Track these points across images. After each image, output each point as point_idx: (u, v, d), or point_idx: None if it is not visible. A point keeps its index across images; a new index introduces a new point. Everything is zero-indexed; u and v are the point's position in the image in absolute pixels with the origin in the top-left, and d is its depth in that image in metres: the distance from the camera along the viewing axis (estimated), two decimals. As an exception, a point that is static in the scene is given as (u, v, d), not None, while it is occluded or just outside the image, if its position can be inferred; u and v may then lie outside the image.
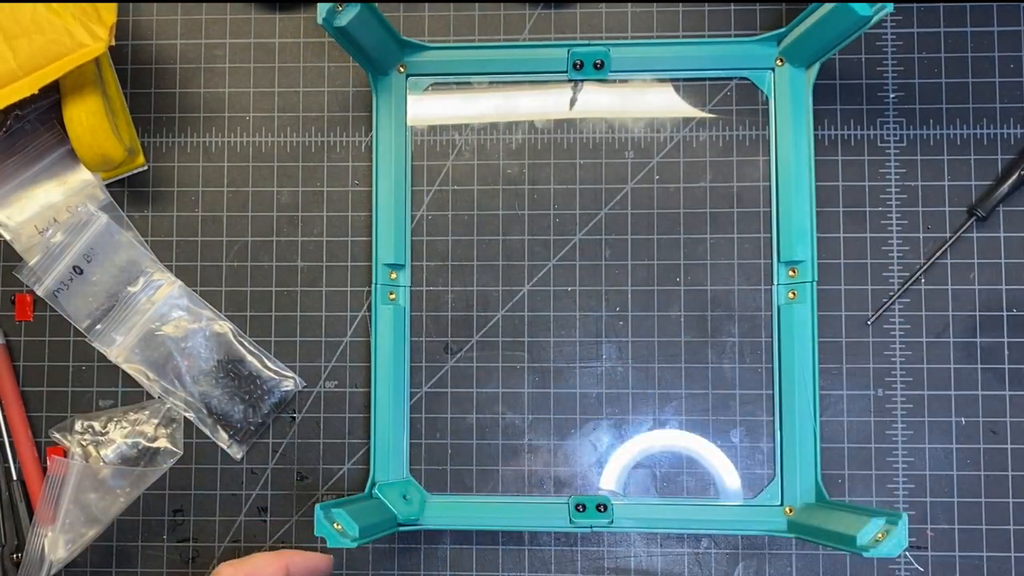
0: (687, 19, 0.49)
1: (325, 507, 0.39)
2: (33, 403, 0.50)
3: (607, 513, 0.45)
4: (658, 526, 0.46)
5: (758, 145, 0.47)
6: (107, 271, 0.49)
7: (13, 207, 0.50)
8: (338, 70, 0.50)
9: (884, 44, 0.48)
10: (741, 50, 0.47)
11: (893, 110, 0.48)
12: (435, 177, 0.49)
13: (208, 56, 0.50)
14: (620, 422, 0.47)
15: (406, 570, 0.47)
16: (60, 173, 0.50)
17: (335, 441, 0.48)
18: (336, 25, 0.41)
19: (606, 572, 0.47)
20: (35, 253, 0.49)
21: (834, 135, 0.48)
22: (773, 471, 0.46)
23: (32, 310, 0.50)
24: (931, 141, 0.48)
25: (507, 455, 0.47)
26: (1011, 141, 0.47)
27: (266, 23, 0.50)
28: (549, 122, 0.49)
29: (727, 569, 0.47)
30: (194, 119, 0.50)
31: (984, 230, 0.47)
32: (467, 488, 0.47)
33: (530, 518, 0.46)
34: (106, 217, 0.49)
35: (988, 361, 0.47)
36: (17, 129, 0.49)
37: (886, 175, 0.48)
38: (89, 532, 0.47)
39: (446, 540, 0.48)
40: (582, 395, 0.47)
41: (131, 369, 0.49)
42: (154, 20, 0.51)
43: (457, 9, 0.50)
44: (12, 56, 0.42)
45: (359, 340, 0.48)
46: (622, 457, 0.47)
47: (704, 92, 0.48)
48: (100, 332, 0.49)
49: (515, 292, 0.48)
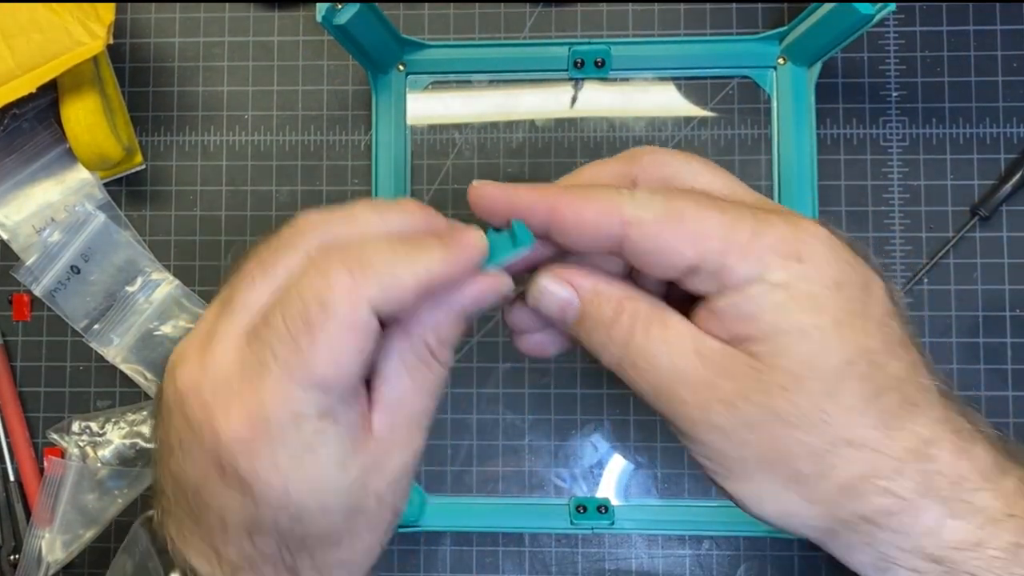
0: (689, 17, 0.49)
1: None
2: (30, 404, 0.50)
3: (608, 515, 0.45)
4: (659, 528, 0.46)
5: (760, 144, 0.47)
6: (105, 271, 0.49)
7: (10, 206, 0.49)
8: (337, 68, 0.50)
9: (886, 43, 0.48)
10: (743, 49, 0.47)
11: (895, 109, 0.48)
12: (435, 176, 0.49)
13: (206, 55, 0.50)
14: (621, 422, 0.47)
15: (406, 571, 0.47)
16: (58, 172, 0.50)
17: (334, 442, 0.48)
18: (335, 23, 0.41)
19: (607, 573, 0.47)
20: (32, 252, 0.49)
21: (836, 134, 0.48)
22: (775, 472, 0.46)
23: (29, 310, 0.50)
24: (934, 140, 0.47)
25: (507, 455, 0.47)
26: (1014, 140, 0.47)
27: (265, 21, 0.50)
28: (550, 121, 0.48)
29: (729, 570, 0.46)
30: (192, 118, 0.50)
31: (987, 230, 0.47)
32: (467, 489, 0.47)
33: (531, 520, 0.46)
34: (104, 216, 0.49)
35: (991, 362, 0.46)
36: (14, 128, 0.49)
37: (888, 174, 0.47)
38: (87, 533, 0.47)
39: (446, 541, 0.47)
40: (582, 395, 0.47)
41: (129, 369, 0.48)
42: (152, 19, 0.50)
43: (457, 7, 0.49)
44: (10, 55, 0.42)
45: (358, 340, 0.48)
46: (623, 458, 0.47)
47: (706, 91, 0.48)
48: (98, 332, 0.48)
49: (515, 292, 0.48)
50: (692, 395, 0.26)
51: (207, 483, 0.26)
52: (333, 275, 0.24)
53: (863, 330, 0.26)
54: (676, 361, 0.26)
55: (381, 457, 0.26)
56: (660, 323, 0.26)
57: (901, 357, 0.26)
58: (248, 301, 0.26)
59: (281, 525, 0.26)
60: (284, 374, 0.24)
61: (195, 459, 0.26)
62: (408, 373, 0.27)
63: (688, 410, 0.26)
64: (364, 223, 0.27)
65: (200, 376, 0.25)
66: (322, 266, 0.25)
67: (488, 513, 0.47)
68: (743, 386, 0.26)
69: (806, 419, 0.25)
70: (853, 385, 0.25)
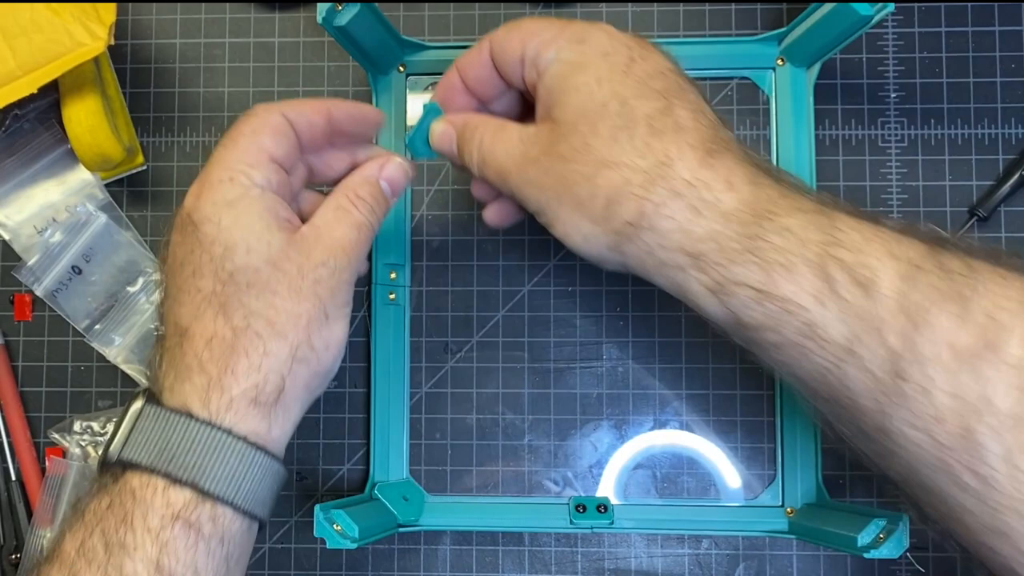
0: (688, 19, 0.49)
1: (325, 508, 0.39)
2: (32, 403, 0.50)
3: (607, 514, 0.45)
4: (659, 527, 0.46)
5: (759, 145, 0.47)
6: (106, 271, 0.49)
7: (12, 207, 0.49)
8: (338, 69, 0.50)
9: (885, 44, 0.48)
10: (742, 50, 0.47)
11: (894, 110, 0.48)
12: (435, 177, 0.49)
13: (207, 56, 0.50)
14: (620, 422, 0.47)
15: (406, 571, 0.47)
16: (59, 173, 0.50)
17: (335, 441, 0.48)
18: (336, 24, 0.41)
19: (606, 573, 0.47)
20: (34, 253, 0.49)
21: (835, 135, 0.48)
22: (774, 472, 0.46)
23: (31, 310, 0.50)
24: (932, 141, 0.47)
25: (507, 455, 0.47)
26: (1012, 141, 0.47)
27: (265, 22, 0.50)
28: (549, 122, 0.49)
29: (728, 570, 0.47)
30: (193, 119, 0.50)
31: (985, 230, 0.47)
32: (467, 489, 0.47)
33: (530, 519, 0.46)
34: (105, 217, 0.49)
35: (989, 361, 0.46)
36: (16, 128, 0.49)
37: (887, 175, 0.47)
38: (88, 533, 0.47)
39: (446, 541, 0.48)
40: (582, 395, 0.47)
41: (130, 369, 0.49)
42: (153, 19, 0.51)
43: (457, 9, 0.50)
44: (11, 55, 0.42)
45: (359, 340, 0.48)
46: (622, 458, 0.47)
47: (705, 91, 0.48)
48: (99, 332, 0.49)
49: (515, 292, 0.48)
50: (516, 168, 0.36)
51: (180, 253, 0.35)
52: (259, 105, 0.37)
53: (619, 83, 0.34)
54: (507, 148, 0.37)
55: (303, 246, 0.35)
56: (499, 130, 0.38)
57: (653, 101, 0.34)
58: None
59: (215, 256, 0.34)
60: (221, 155, 0.36)
61: (178, 243, 0.36)
62: (332, 210, 0.37)
63: (515, 179, 0.36)
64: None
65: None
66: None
67: (488, 512, 0.47)
68: (544, 146, 0.35)
69: (578, 153, 0.34)
70: (608, 121, 0.34)
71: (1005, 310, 0.28)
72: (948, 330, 0.29)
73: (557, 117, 0.35)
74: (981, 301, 0.29)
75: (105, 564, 0.31)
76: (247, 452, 0.33)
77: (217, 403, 0.33)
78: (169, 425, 0.33)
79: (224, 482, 0.33)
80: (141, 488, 0.32)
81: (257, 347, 0.34)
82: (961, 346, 0.28)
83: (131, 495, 0.32)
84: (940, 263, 0.30)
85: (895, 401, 0.30)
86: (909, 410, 0.29)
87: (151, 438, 0.33)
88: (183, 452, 0.32)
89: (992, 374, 0.28)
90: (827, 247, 0.30)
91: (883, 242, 0.30)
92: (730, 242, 0.32)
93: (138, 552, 0.31)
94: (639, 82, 0.34)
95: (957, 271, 0.29)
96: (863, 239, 0.31)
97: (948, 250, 0.30)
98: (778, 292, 0.31)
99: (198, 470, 0.32)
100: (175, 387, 0.34)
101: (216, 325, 0.34)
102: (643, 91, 0.34)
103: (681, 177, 0.33)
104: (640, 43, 0.36)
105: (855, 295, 0.30)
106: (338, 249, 0.36)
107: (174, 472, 0.32)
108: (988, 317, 0.28)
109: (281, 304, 0.34)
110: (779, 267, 0.31)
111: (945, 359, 0.28)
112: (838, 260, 0.30)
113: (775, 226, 0.31)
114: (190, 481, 0.32)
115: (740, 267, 0.31)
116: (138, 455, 0.33)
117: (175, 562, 0.31)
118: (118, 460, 0.33)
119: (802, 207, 0.32)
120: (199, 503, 0.32)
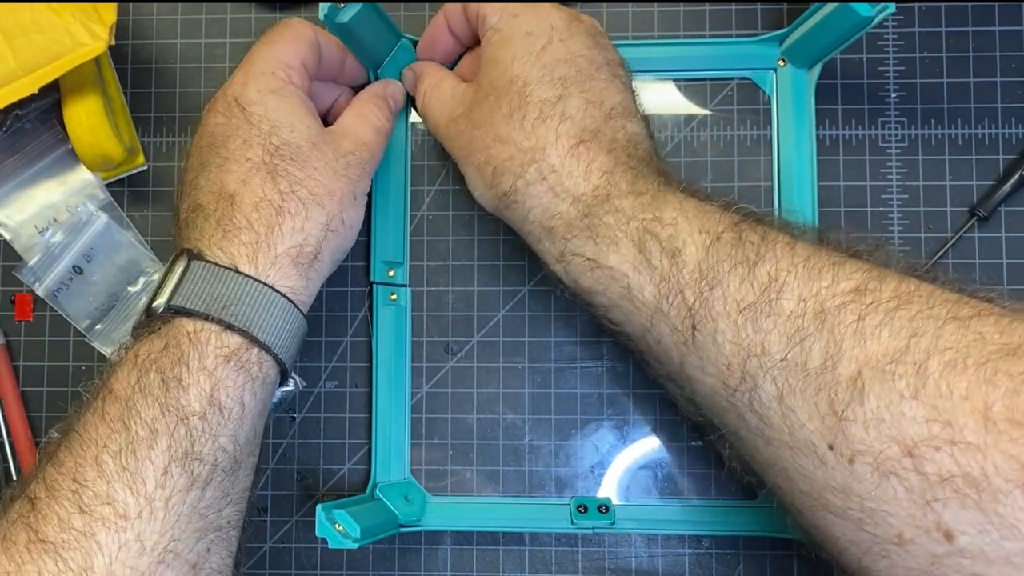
0: (688, 19, 0.49)
1: (326, 508, 0.39)
2: (33, 403, 0.50)
3: (609, 514, 0.45)
4: (660, 527, 0.46)
5: (760, 145, 0.47)
6: (107, 271, 0.49)
7: (13, 207, 0.49)
8: (339, 70, 0.50)
9: (885, 44, 0.48)
10: (743, 50, 0.47)
11: (894, 110, 0.48)
12: (435, 177, 0.49)
13: (208, 55, 0.50)
14: (621, 423, 0.47)
15: (406, 571, 0.47)
16: (60, 173, 0.50)
17: (335, 441, 0.48)
18: (338, 22, 0.41)
19: (607, 573, 0.47)
20: (35, 253, 0.49)
21: (835, 135, 0.48)
22: (774, 472, 0.46)
23: (32, 310, 0.50)
24: (932, 141, 0.48)
25: (508, 456, 0.47)
26: (1012, 141, 0.47)
27: (266, 22, 0.50)
28: (550, 122, 0.49)
29: (728, 570, 0.47)
30: (194, 119, 0.50)
31: (986, 230, 0.47)
32: (467, 489, 0.47)
33: (531, 519, 0.46)
34: (106, 217, 0.49)
35: (990, 361, 0.46)
36: (17, 128, 0.49)
37: (887, 175, 0.48)
38: (89, 533, 0.47)
39: (447, 541, 0.48)
40: (583, 395, 0.47)
41: (131, 369, 0.49)
42: (154, 20, 0.51)
43: (458, 8, 0.50)
44: (12, 55, 0.42)
45: (359, 340, 0.48)
46: (623, 458, 0.47)
47: (705, 92, 0.48)
48: (100, 332, 0.49)
49: (515, 292, 0.48)
50: (444, 122, 0.43)
51: (224, 131, 0.40)
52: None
53: (530, 65, 0.39)
54: (440, 102, 0.43)
55: (333, 137, 0.41)
56: (439, 83, 0.44)
57: (550, 89, 0.38)
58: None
59: (263, 131, 0.39)
60: (263, 51, 0.41)
61: (221, 124, 0.40)
62: (353, 116, 0.43)
63: (441, 132, 0.43)
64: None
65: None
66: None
67: (488, 513, 0.47)
68: (466, 107, 0.41)
69: (483, 122, 0.40)
70: (511, 99, 0.39)
71: (785, 271, 0.32)
72: (736, 289, 0.33)
73: (480, 82, 0.41)
74: (766, 265, 0.33)
75: (163, 396, 0.35)
76: (287, 307, 0.38)
77: (264, 260, 0.37)
78: (219, 279, 0.37)
79: (269, 331, 0.37)
80: (196, 332, 0.36)
81: (300, 211, 0.38)
82: (746, 303, 0.33)
83: (187, 338, 0.36)
84: (740, 234, 0.34)
85: (692, 351, 0.34)
86: (703, 358, 0.34)
87: (202, 290, 0.36)
88: (234, 302, 0.36)
89: (768, 325, 0.32)
90: (648, 223, 0.36)
91: (699, 219, 0.35)
92: (574, 220, 0.37)
93: (192, 388, 0.35)
94: (544, 67, 0.39)
95: (751, 240, 0.34)
96: (683, 217, 0.35)
97: (752, 225, 0.35)
98: (605, 262, 0.36)
99: (249, 319, 0.36)
100: (223, 245, 0.37)
101: (265, 190, 0.38)
102: (545, 76, 0.39)
103: (549, 162, 0.38)
104: (568, 24, 0.40)
105: (664, 263, 0.35)
106: (362, 144, 0.42)
107: (228, 319, 0.36)
108: (771, 278, 0.32)
109: (320, 178, 0.39)
110: (607, 241, 0.36)
111: (732, 314, 0.33)
112: (654, 235, 0.35)
113: (610, 207, 0.36)
114: (242, 328, 0.36)
115: (579, 240, 0.37)
116: (192, 303, 0.36)
117: (226, 397, 0.36)
118: (171, 308, 0.37)
119: (640, 191, 0.36)
120: (248, 348, 0.37)
